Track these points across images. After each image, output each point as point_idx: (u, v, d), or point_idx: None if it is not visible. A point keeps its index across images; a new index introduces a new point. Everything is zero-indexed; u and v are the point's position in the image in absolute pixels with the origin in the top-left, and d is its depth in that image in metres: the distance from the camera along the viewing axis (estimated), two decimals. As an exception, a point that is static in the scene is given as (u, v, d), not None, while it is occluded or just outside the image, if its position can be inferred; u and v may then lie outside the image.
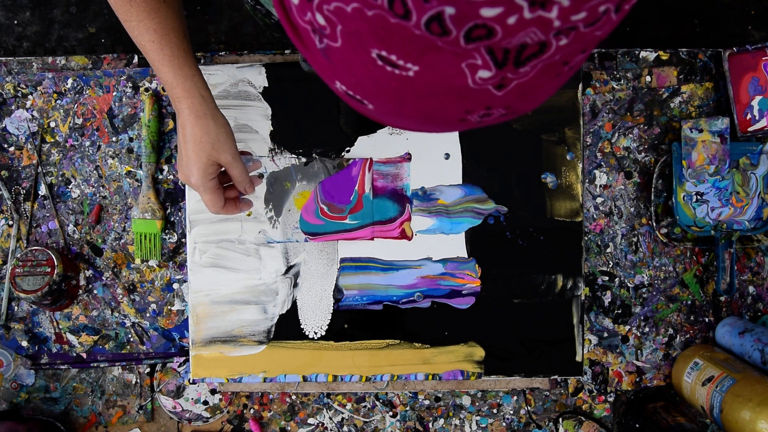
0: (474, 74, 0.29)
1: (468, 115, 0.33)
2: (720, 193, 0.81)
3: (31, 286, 0.76)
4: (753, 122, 0.80)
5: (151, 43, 0.57)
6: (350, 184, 0.79)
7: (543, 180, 0.80)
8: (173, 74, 0.58)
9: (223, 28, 1.62)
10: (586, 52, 0.30)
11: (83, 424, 0.82)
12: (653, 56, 0.84)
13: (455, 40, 0.26)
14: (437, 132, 0.38)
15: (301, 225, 0.79)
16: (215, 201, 0.62)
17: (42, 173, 0.82)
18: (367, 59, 0.30)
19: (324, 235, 0.79)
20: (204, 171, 0.60)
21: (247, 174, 0.63)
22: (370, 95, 0.33)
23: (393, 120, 0.36)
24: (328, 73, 0.34)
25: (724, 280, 0.81)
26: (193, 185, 0.61)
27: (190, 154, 0.60)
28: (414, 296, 0.79)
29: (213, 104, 0.61)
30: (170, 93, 0.60)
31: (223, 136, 0.60)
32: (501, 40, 0.26)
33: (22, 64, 0.82)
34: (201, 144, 0.59)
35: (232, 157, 0.61)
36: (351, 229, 0.79)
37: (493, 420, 0.84)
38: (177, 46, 0.58)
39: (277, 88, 0.79)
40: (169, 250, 0.82)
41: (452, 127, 0.35)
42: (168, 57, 0.57)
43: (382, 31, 0.27)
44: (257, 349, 0.79)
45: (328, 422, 0.83)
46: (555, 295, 0.80)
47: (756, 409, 0.66)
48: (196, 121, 0.59)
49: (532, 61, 0.28)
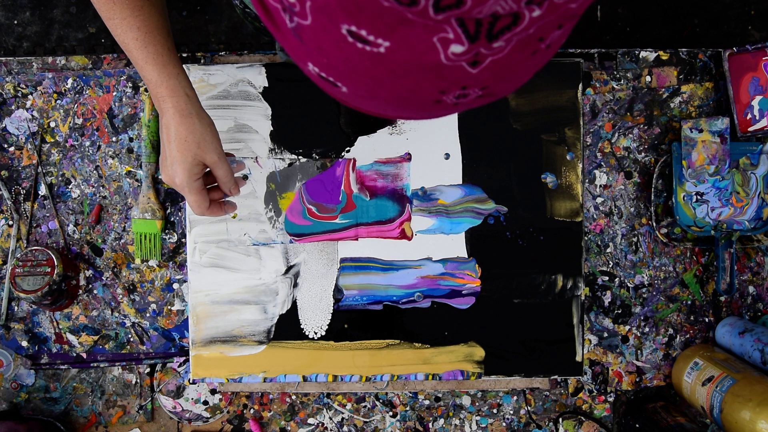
0: (446, 49, 0.28)
1: (443, 95, 0.32)
2: (720, 193, 0.81)
3: (31, 286, 0.76)
4: (753, 122, 0.80)
5: (134, 41, 0.56)
6: (335, 184, 0.78)
7: (543, 180, 0.80)
8: (157, 72, 0.57)
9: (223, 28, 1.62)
10: (563, 28, 0.30)
11: (83, 424, 0.82)
12: (653, 56, 0.84)
13: (424, 10, 0.26)
14: (415, 118, 0.38)
15: (286, 226, 0.79)
16: (200, 202, 0.61)
17: (42, 173, 0.82)
18: (337, 36, 0.29)
19: (310, 236, 0.79)
20: (189, 171, 0.59)
21: (233, 175, 0.62)
22: (342, 76, 0.32)
23: (368, 103, 0.35)
24: (300, 54, 0.33)
25: (724, 280, 0.81)
26: (177, 186, 0.60)
27: (174, 154, 0.58)
28: (414, 296, 0.79)
29: (198, 103, 0.60)
30: (154, 92, 0.58)
31: (209, 135, 0.59)
32: (471, 9, 0.26)
33: (22, 64, 0.82)
34: (186, 143, 0.58)
35: (218, 156, 0.60)
36: (341, 228, 0.79)
37: (493, 420, 0.84)
38: (161, 44, 0.57)
39: (277, 88, 0.79)
40: (169, 250, 0.82)
41: (428, 109, 0.34)
42: (152, 55, 0.57)
43: (351, 4, 0.27)
44: (257, 349, 0.79)
45: (328, 422, 0.83)
46: (555, 295, 0.80)
47: (756, 409, 0.66)
48: (181, 120, 0.58)
49: (506, 34, 0.28)
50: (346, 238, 0.79)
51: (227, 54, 0.82)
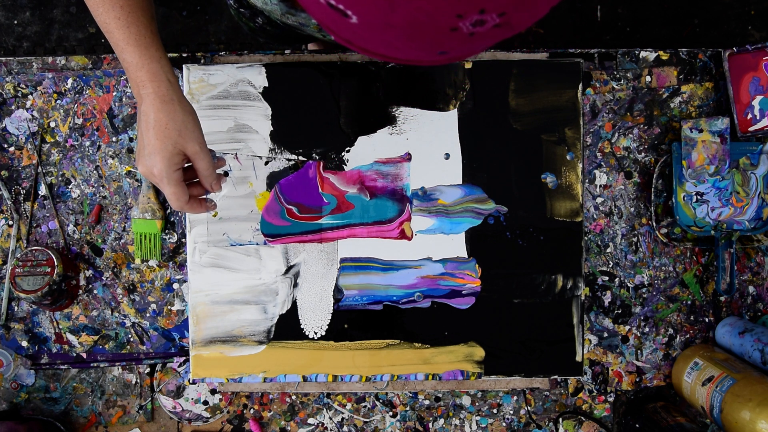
0: None
1: (460, 21, 0.30)
2: (720, 193, 0.81)
3: (31, 286, 0.76)
4: (754, 122, 0.80)
5: (116, 20, 0.54)
6: (310, 184, 0.78)
7: (543, 180, 0.80)
8: (139, 54, 0.54)
9: (223, 28, 1.62)
10: None
11: (83, 424, 0.82)
12: (653, 56, 0.84)
13: None
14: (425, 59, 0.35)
15: (262, 227, 0.79)
16: (179, 194, 0.57)
17: (42, 173, 0.82)
18: None
19: (287, 237, 0.78)
20: (169, 160, 0.55)
21: (214, 168, 0.59)
22: (354, 2, 0.31)
23: (378, 36, 0.33)
24: None
25: (724, 280, 0.81)
26: (156, 177, 0.56)
27: (153, 143, 0.55)
28: (414, 296, 0.79)
29: (180, 90, 0.57)
30: (133, 77, 0.55)
31: (191, 123, 0.56)
32: None
33: (22, 64, 0.82)
34: (166, 131, 0.55)
35: (199, 146, 0.57)
36: (329, 228, 0.79)
37: (493, 420, 0.84)
38: (144, 26, 0.54)
39: (277, 88, 0.79)
40: (169, 250, 0.82)
41: (443, 42, 0.32)
42: (134, 36, 0.54)
43: None
44: (257, 349, 0.79)
45: (328, 422, 0.83)
46: (555, 295, 0.80)
47: (756, 409, 0.66)
48: (162, 106, 0.55)
49: None
50: (336, 238, 0.79)
51: (227, 54, 0.82)
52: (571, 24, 1.62)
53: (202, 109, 0.78)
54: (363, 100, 0.79)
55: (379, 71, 0.79)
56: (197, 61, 0.81)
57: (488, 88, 0.79)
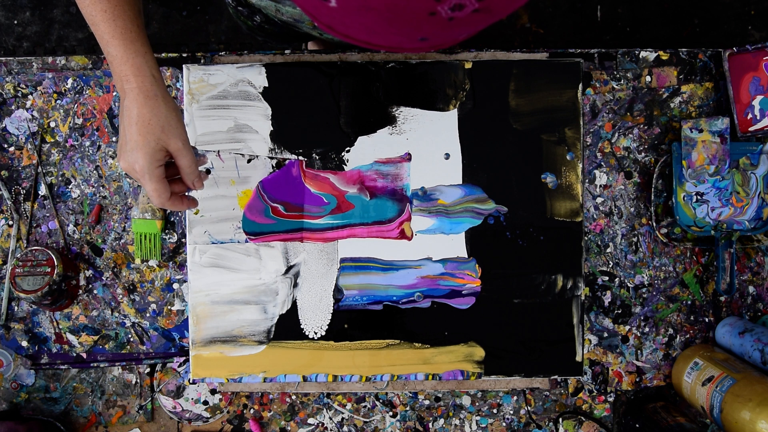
0: None
1: (438, 4, 0.30)
2: (720, 193, 0.81)
3: (31, 286, 0.76)
4: (754, 122, 0.80)
5: (103, 13, 0.53)
6: (295, 183, 0.78)
7: (543, 180, 0.80)
8: (124, 48, 0.54)
9: (223, 28, 1.62)
10: None
11: (83, 424, 0.82)
12: (653, 56, 0.84)
13: None
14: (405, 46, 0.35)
15: (244, 225, 0.78)
16: (161, 191, 0.57)
17: (42, 173, 0.82)
18: None
19: (270, 235, 0.78)
20: (152, 156, 0.55)
21: (197, 165, 0.59)
22: None
23: (357, 19, 0.32)
24: None
25: (724, 280, 0.81)
26: (137, 173, 0.56)
27: (136, 138, 0.55)
28: (414, 296, 0.79)
29: (164, 86, 0.57)
30: (117, 71, 0.55)
31: (174, 120, 0.56)
32: None
33: (22, 64, 0.82)
34: (149, 126, 0.55)
35: (182, 143, 0.57)
36: (328, 228, 0.79)
37: (493, 420, 0.84)
38: (131, 20, 0.54)
39: (277, 88, 0.79)
40: (169, 250, 0.82)
41: (420, 25, 0.32)
42: (120, 29, 0.54)
43: None
44: (257, 349, 0.79)
45: (328, 422, 0.83)
46: (555, 295, 0.80)
47: (756, 409, 0.66)
48: (145, 101, 0.55)
49: None
50: (336, 238, 0.79)
51: (227, 54, 0.82)
52: (571, 24, 1.62)
53: (202, 109, 0.78)
54: (363, 100, 0.79)
55: (379, 71, 0.79)
56: (197, 61, 0.81)
57: (488, 88, 0.79)
